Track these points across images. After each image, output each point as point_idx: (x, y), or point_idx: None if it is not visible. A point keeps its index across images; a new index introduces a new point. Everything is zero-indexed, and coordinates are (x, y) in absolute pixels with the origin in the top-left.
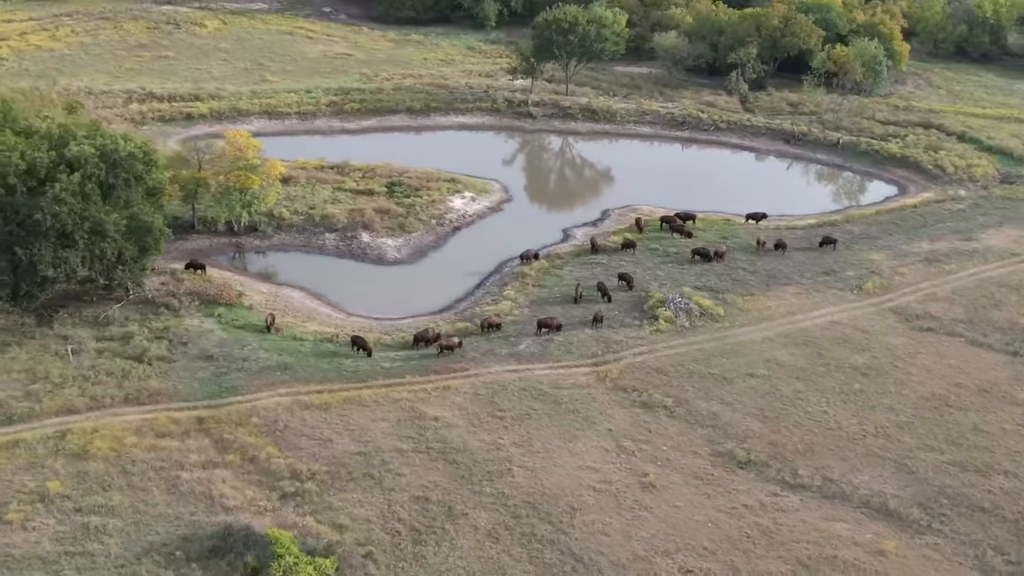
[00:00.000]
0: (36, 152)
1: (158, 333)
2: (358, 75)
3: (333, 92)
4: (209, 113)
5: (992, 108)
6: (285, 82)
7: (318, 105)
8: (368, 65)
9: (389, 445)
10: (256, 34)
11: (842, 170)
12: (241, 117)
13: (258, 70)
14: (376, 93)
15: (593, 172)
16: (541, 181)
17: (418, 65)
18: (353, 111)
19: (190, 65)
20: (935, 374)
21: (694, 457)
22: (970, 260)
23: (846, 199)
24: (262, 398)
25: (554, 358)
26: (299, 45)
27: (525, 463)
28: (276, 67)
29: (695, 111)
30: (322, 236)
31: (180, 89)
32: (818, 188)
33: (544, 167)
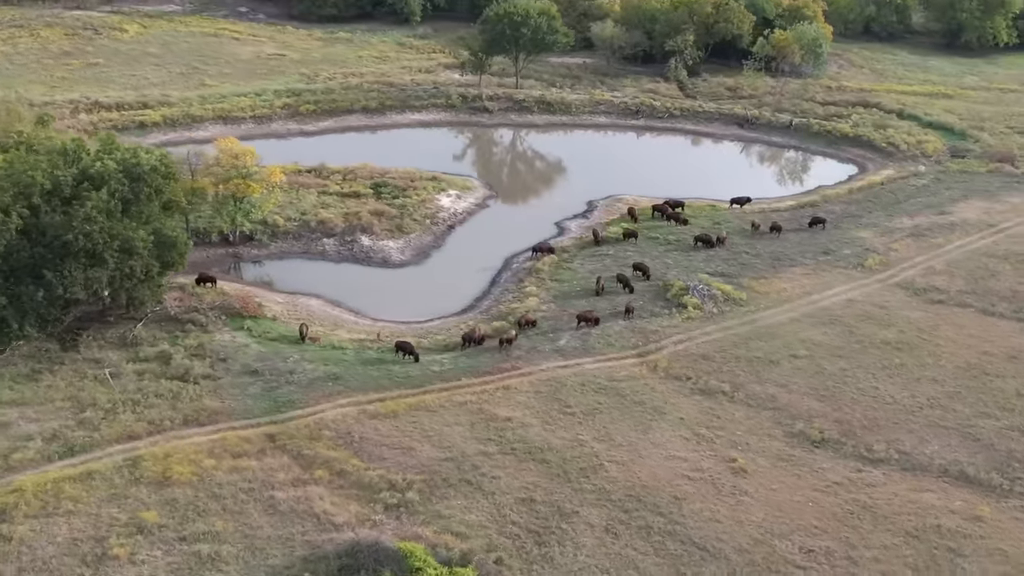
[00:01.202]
0: (59, 170)
1: (194, 351)
2: (297, 75)
3: (285, 94)
4: (163, 121)
5: (918, 85)
6: (225, 86)
7: (272, 108)
8: (304, 65)
9: (473, 449)
10: (180, 37)
11: (799, 151)
12: (196, 123)
13: (195, 74)
14: (328, 93)
15: (566, 164)
16: (518, 176)
17: (355, 63)
18: (308, 112)
19: (124, 71)
20: (962, 344)
21: (770, 440)
22: (952, 233)
23: (813, 180)
24: (325, 410)
25: (598, 352)
26: (228, 47)
27: (613, 457)
28: (212, 70)
29: (647, 99)
30: (321, 242)
31: (126, 97)
32: (783, 170)
33: (516, 161)
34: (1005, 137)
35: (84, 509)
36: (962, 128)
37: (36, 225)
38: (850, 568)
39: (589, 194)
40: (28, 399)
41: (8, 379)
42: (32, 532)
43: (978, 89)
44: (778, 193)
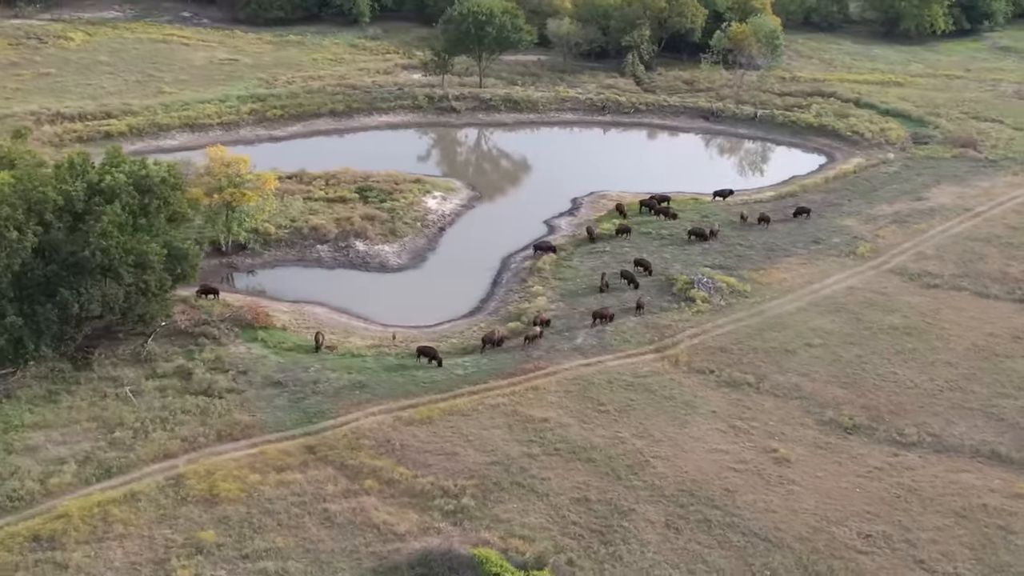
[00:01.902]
0: (68, 185)
1: (212, 365)
2: (256, 80)
3: (251, 99)
4: (129, 130)
5: (868, 74)
6: (184, 92)
7: (239, 114)
8: (260, 69)
9: (517, 451)
10: (128, 44)
11: (767, 143)
12: (163, 132)
13: (151, 81)
14: (294, 98)
15: (542, 162)
16: (497, 175)
17: (310, 66)
18: (276, 117)
19: (78, 81)
20: (966, 327)
21: (804, 428)
22: (933, 218)
23: (787, 170)
24: (358, 419)
25: (616, 348)
26: (180, 53)
27: (657, 453)
28: (168, 77)
29: (612, 95)
30: (315, 248)
31: (87, 107)
32: (755, 162)
33: (493, 161)
34: (961, 123)
35: (136, 532)
36: (919, 115)
37: (49, 242)
38: (910, 550)
39: (571, 191)
40: (51, 421)
41: (25, 401)
42: (87, 558)
43: (925, 76)
44: (754, 184)
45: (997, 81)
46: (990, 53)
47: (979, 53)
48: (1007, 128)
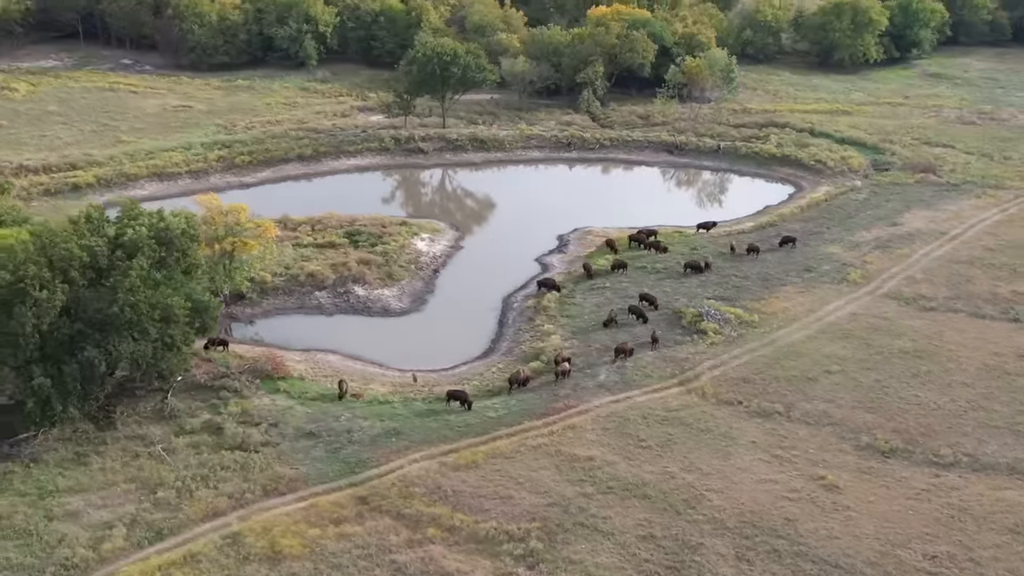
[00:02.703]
0: (91, 240)
1: (240, 418)
2: (213, 127)
3: (217, 146)
4: (96, 181)
5: (814, 103)
6: (143, 141)
7: (207, 161)
8: (216, 115)
9: (571, 492)
10: (76, 93)
11: (733, 174)
12: (131, 182)
13: (107, 131)
14: (260, 143)
15: (519, 200)
16: (479, 215)
17: (265, 111)
18: (244, 164)
19: (32, 132)
20: (971, 348)
21: (844, 454)
22: (913, 243)
23: (759, 201)
24: (402, 466)
25: (640, 384)
26: (130, 101)
27: (709, 486)
28: (124, 126)
29: (576, 132)
30: (313, 295)
31: (50, 159)
32: (726, 193)
33: (471, 201)
34: (915, 148)
35: None
36: (874, 142)
37: (75, 299)
38: (976, 569)
39: (554, 228)
40: (86, 484)
41: (54, 465)
42: None
43: (869, 104)
44: (730, 216)
45: (938, 107)
46: (922, 80)
47: (912, 80)
48: (959, 153)
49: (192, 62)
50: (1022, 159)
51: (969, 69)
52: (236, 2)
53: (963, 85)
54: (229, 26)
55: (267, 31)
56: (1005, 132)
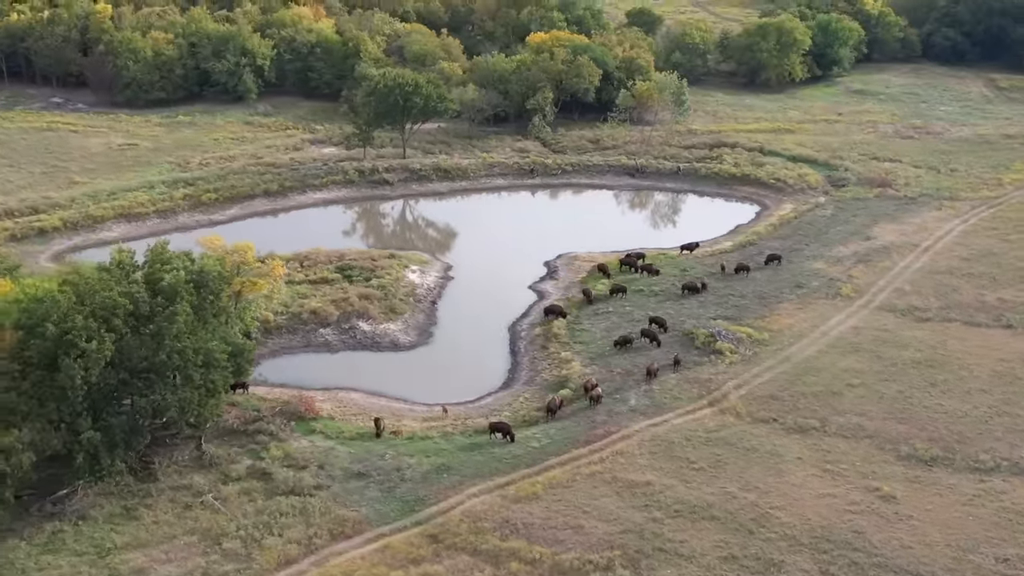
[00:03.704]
0: (127, 287)
1: (285, 462)
2: (167, 165)
3: (181, 184)
4: (63, 225)
5: (754, 123)
6: (99, 182)
7: (174, 200)
8: (164, 153)
9: (639, 517)
10: (14, 135)
11: (696, 195)
12: (98, 224)
13: (58, 172)
14: (223, 180)
15: (497, 228)
16: (460, 245)
17: (215, 147)
18: (211, 202)
19: None
20: (977, 356)
21: (889, 465)
22: (890, 256)
23: (729, 220)
24: (462, 502)
25: (671, 406)
26: (72, 140)
27: (772, 503)
28: (75, 166)
29: (537, 158)
30: (318, 333)
31: (9, 203)
32: (695, 214)
33: (450, 231)
34: (864, 164)
35: None
36: (824, 159)
37: (120, 348)
38: None
39: (538, 255)
40: (145, 540)
41: (104, 521)
42: None
43: (807, 122)
44: (703, 236)
45: (874, 123)
46: (847, 96)
47: (838, 97)
48: (908, 167)
49: (127, 99)
50: (967, 171)
51: (890, 85)
52: (169, 37)
53: (888, 100)
54: (164, 61)
55: (203, 65)
56: (943, 145)
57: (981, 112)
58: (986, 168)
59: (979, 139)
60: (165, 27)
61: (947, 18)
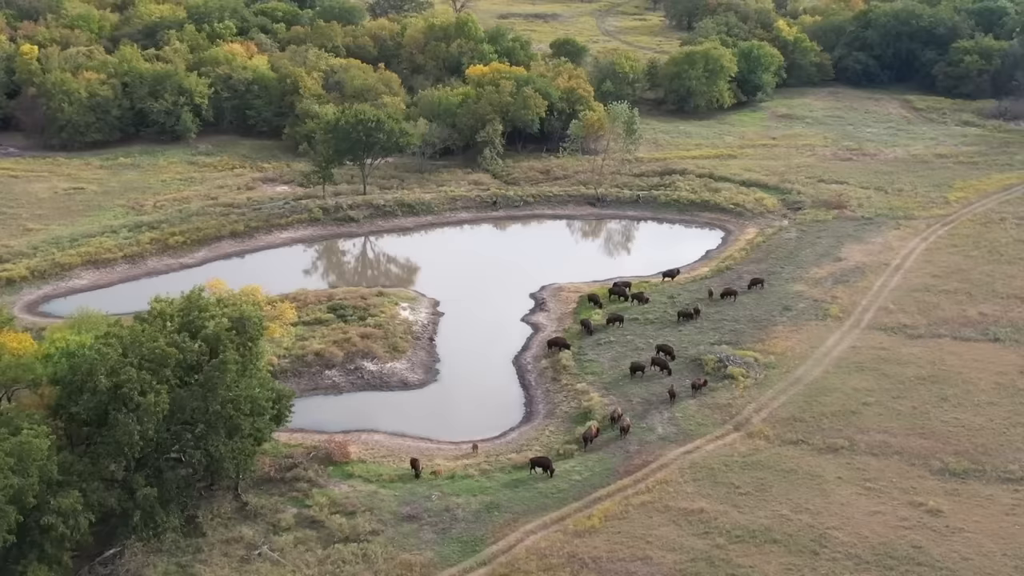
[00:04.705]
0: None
1: (333, 508)
2: (120, 208)
3: (144, 228)
4: (31, 274)
5: (696, 149)
6: (54, 228)
7: (141, 245)
8: (114, 196)
9: (703, 544)
10: None
11: (657, 222)
12: (66, 272)
13: (8, 219)
14: (187, 222)
15: (473, 262)
16: (443, 279)
17: (163, 188)
18: (179, 244)
19: None
20: (976, 370)
21: (924, 480)
22: (864, 276)
23: (698, 245)
24: (521, 539)
25: (698, 433)
26: (15, 186)
27: (827, 524)
28: (25, 212)
29: (497, 190)
30: (324, 375)
31: None
32: (664, 241)
33: (429, 265)
34: (813, 186)
35: None
36: (775, 183)
37: (172, 400)
38: None
39: (521, 287)
40: None
41: None
42: None
43: (746, 147)
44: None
45: (812, 146)
46: (775, 121)
47: (767, 122)
48: (855, 188)
49: (63, 142)
50: (913, 190)
51: (813, 109)
52: (102, 77)
53: (815, 124)
54: (100, 102)
55: (139, 105)
56: (882, 167)
57: (906, 133)
58: (929, 187)
59: (914, 159)
60: (96, 67)
61: (857, 42)
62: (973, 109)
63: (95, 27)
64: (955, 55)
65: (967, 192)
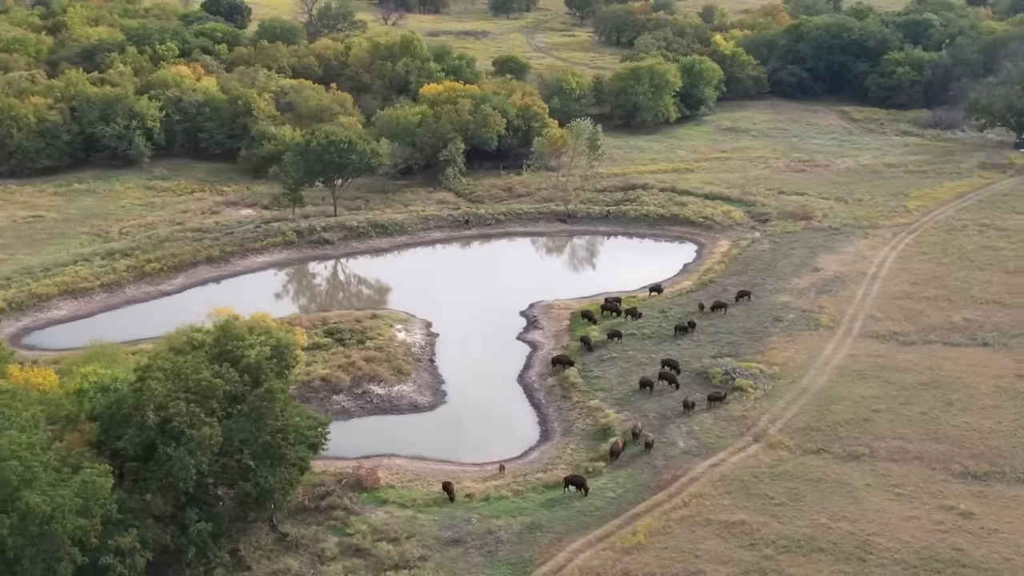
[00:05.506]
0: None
1: (376, 536)
2: (85, 236)
3: (117, 255)
4: (8, 306)
5: (651, 163)
6: (20, 257)
7: (117, 273)
8: (75, 224)
9: (750, 556)
10: None
11: (628, 237)
12: (44, 303)
13: None
14: (161, 248)
15: (458, 281)
16: (431, 299)
17: (125, 214)
18: (155, 272)
19: None
20: (974, 374)
21: (949, 484)
22: (845, 286)
23: (674, 259)
24: (570, 559)
25: (720, 445)
26: None
27: (867, 530)
28: None
29: (468, 208)
30: (332, 400)
31: None
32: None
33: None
34: (774, 198)
35: None
36: (736, 196)
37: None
38: None
39: (510, 305)
40: None
41: None
42: None
43: (700, 161)
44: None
45: (763, 158)
46: (721, 134)
47: (713, 135)
48: (817, 199)
49: (11, 168)
50: (872, 200)
51: (756, 122)
52: (49, 102)
53: (760, 136)
54: (49, 127)
55: (89, 130)
56: (836, 177)
57: (850, 144)
58: (887, 196)
59: (865, 169)
60: (43, 91)
61: (790, 55)
62: (909, 119)
63: (32, 50)
64: (887, 66)
65: (924, 200)
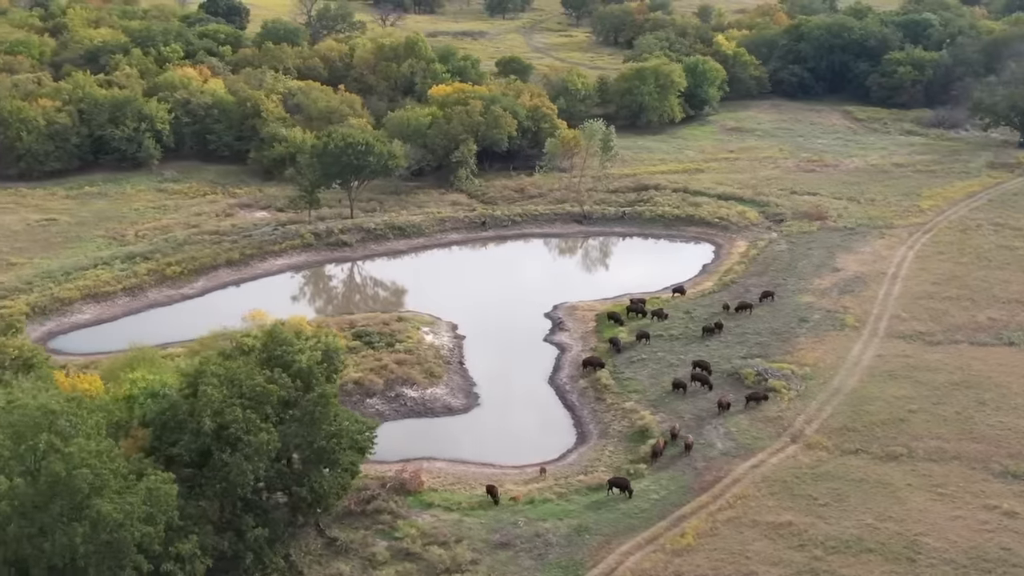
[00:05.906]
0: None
1: (426, 540)
2: (102, 239)
3: (138, 259)
4: (31, 310)
5: (662, 164)
6: (38, 261)
7: (139, 276)
8: (91, 227)
9: (801, 557)
10: None
11: (643, 238)
12: (67, 308)
13: None
14: (181, 251)
15: (480, 282)
16: (454, 302)
17: (140, 217)
18: (176, 275)
19: None
20: (1004, 373)
21: (989, 483)
22: (867, 286)
23: (694, 260)
24: (621, 561)
25: (759, 446)
26: None
27: (914, 530)
28: (5, 246)
29: (484, 210)
30: (366, 403)
31: None
32: (660, 257)
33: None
34: (787, 198)
35: None
36: (749, 196)
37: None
38: None
39: (534, 307)
40: None
41: None
42: None
43: (709, 161)
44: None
45: (772, 158)
46: (727, 134)
47: (719, 135)
48: (829, 199)
49: (21, 172)
50: (885, 200)
51: (761, 121)
52: (57, 104)
53: (766, 136)
54: (58, 130)
55: (98, 132)
56: (846, 177)
57: (856, 143)
58: (899, 196)
59: (874, 169)
60: (50, 94)
61: (791, 55)
62: (912, 119)
63: (35, 53)
64: (888, 66)
65: (936, 200)
